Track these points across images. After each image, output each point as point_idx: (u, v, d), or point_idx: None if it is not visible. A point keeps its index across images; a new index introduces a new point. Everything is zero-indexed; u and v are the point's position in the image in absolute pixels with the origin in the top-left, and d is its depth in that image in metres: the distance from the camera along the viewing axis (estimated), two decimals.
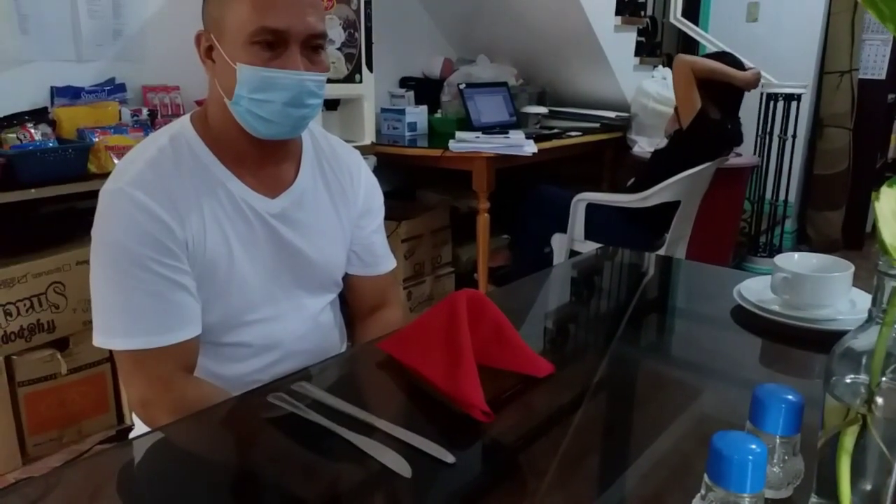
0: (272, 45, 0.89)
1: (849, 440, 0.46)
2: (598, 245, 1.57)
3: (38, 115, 1.96)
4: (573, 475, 0.66)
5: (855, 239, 4.17)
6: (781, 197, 3.73)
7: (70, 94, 2.09)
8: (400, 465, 0.64)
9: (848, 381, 0.49)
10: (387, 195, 1.19)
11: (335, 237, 1.08)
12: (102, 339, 0.89)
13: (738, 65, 2.62)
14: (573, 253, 2.65)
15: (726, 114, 2.61)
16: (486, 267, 2.79)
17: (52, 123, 1.97)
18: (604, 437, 0.75)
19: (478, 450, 0.72)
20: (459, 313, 0.81)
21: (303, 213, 1.02)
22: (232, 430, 0.76)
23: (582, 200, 2.64)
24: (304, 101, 0.93)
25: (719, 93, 2.55)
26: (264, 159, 0.99)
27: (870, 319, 0.48)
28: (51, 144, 1.87)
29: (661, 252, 2.60)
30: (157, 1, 2.32)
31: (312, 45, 0.92)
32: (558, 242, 2.74)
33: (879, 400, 0.46)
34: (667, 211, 2.58)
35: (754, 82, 2.61)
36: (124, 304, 0.88)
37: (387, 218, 1.19)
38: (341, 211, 1.08)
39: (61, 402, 1.92)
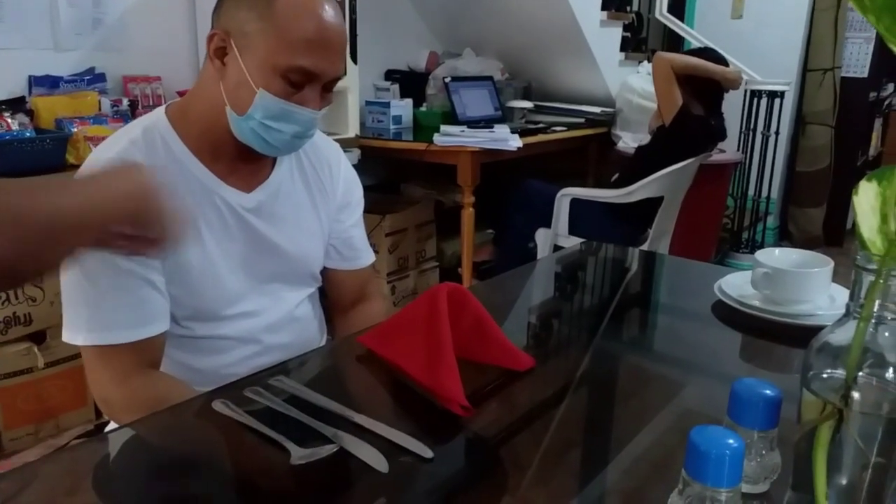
0: (300, 82, 0.89)
1: (825, 435, 0.46)
2: (582, 240, 1.57)
3: (16, 105, 1.93)
4: (553, 470, 0.66)
5: (836, 236, 4.22)
6: (764, 193, 3.75)
7: (48, 83, 2.06)
8: (377, 460, 0.63)
9: (825, 375, 0.49)
10: (371, 189, 1.18)
11: (313, 231, 1.07)
12: (68, 334, 0.88)
13: (720, 61, 2.63)
14: (557, 248, 2.65)
15: (709, 109, 2.62)
16: (470, 261, 2.79)
17: (30, 113, 1.94)
18: (585, 431, 0.75)
19: (456, 444, 0.72)
20: (440, 307, 0.81)
21: (279, 207, 1.01)
22: (208, 425, 0.75)
23: (566, 195, 2.64)
24: (308, 132, 0.94)
25: (701, 89, 2.56)
26: (242, 155, 0.97)
27: (847, 314, 0.48)
28: (28, 134, 1.84)
29: (645, 247, 2.61)
30: None
31: (330, 85, 0.93)
32: (542, 237, 2.74)
33: (856, 395, 0.46)
34: (650, 206, 2.58)
35: (736, 80, 2.62)
36: (89, 300, 0.87)
37: (371, 212, 1.18)
38: (319, 204, 1.07)
39: (38, 397, 1.90)
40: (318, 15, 0.87)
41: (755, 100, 3.61)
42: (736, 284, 1.05)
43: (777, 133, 3.63)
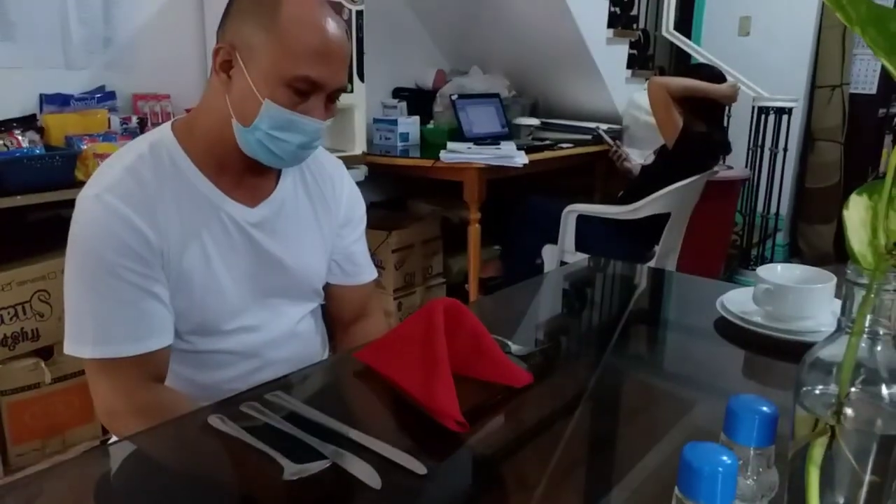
0: (304, 92, 0.90)
1: (817, 452, 0.46)
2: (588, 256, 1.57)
3: (26, 122, 1.95)
4: (549, 488, 0.65)
5: (847, 252, 4.18)
6: (773, 210, 3.73)
7: (59, 101, 2.08)
8: (370, 476, 0.63)
9: (818, 391, 0.48)
10: (378, 205, 1.19)
11: (315, 246, 1.07)
12: (72, 346, 0.88)
13: (717, 77, 2.63)
14: (563, 264, 2.65)
15: (711, 125, 2.62)
16: (476, 278, 2.78)
17: (40, 130, 1.96)
18: (583, 449, 0.74)
19: (451, 461, 0.71)
20: (436, 323, 0.80)
21: (282, 223, 1.02)
22: (203, 439, 0.75)
23: (572, 212, 2.64)
24: (313, 144, 0.95)
25: (701, 107, 2.57)
26: (247, 170, 0.98)
27: (839, 329, 0.48)
28: (38, 151, 1.86)
29: (652, 264, 2.60)
30: (148, 9, 2.32)
31: (334, 96, 0.94)
32: (549, 254, 2.73)
33: (848, 411, 0.46)
34: (657, 223, 2.58)
35: (732, 95, 2.63)
36: (94, 312, 0.87)
37: (377, 228, 1.19)
38: (322, 220, 1.07)
39: (45, 412, 1.90)
40: (321, 26, 0.89)
41: (763, 116, 3.60)
42: (738, 301, 1.04)
43: (785, 150, 3.62)
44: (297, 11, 0.88)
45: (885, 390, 0.46)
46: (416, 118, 3.13)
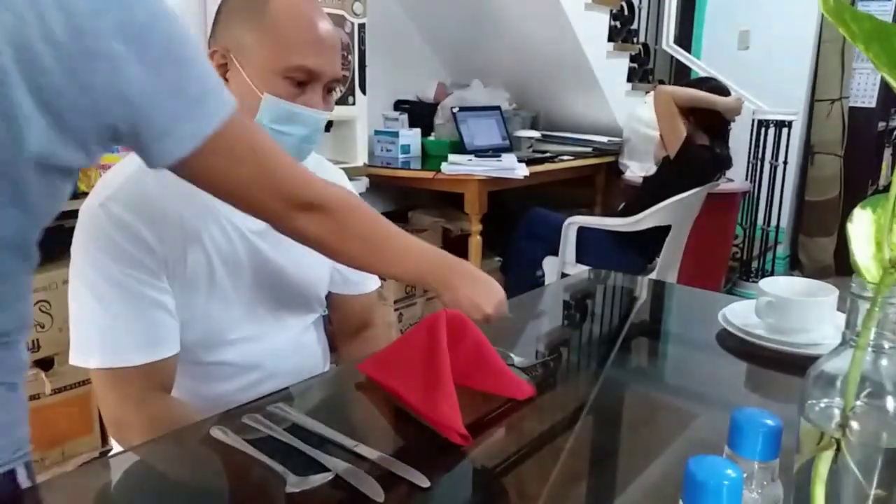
0: (302, 82, 0.91)
1: (823, 466, 0.45)
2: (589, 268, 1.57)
3: None
4: (552, 501, 0.65)
5: (847, 265, 4.17)
6: (773, 223, 3.74)
7: None
8: (373, 489, 0.63)
9: (823, 405, 0.48)
10: None
11: (318, 256, 1.07)
12: (77, 357, 0.88)
13: (721, 90, 2.64)
14: (564, 276, 2.65)
15: (714, 138, 2.63)
16: None
17: None
18: (586, 462, 0.74)
19: (454, 474, 0.71)
20: (439, 334, 0.80)
21: None
22: (205, 452, 0.75)
23: (573, 224, 2.64)
24: (315, 137, 0.96)
25: (705, 119, 2.57)
26: None
27: (843, 342, 0.48)
28: None
29: (653, 276, 2.60)
30: None
31: (330, 87, 0.95)
32: (550, 266, 2.73)
33: (854, 424, 0.46)
34: (658, 235, 2.58)
35: (737, 108, 2.64)
36: (99, 322, 0.87)
37: None
38: None
39: (44, 423, 1.89)
40: (310, 17, 0.91)
41: (763, 129, 3.61)
42: (740, 313, 1.04)
43: (785, 162, 3.63)
44: (285, 5, 0.90)
45: (890, 403, 0.46)
46: (418, 130, 3.14)
